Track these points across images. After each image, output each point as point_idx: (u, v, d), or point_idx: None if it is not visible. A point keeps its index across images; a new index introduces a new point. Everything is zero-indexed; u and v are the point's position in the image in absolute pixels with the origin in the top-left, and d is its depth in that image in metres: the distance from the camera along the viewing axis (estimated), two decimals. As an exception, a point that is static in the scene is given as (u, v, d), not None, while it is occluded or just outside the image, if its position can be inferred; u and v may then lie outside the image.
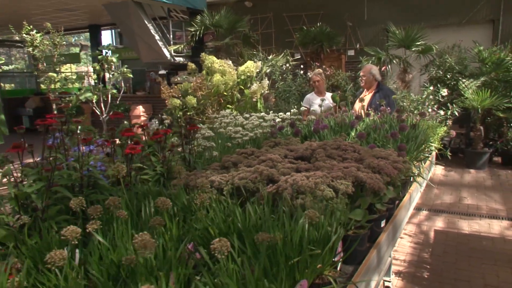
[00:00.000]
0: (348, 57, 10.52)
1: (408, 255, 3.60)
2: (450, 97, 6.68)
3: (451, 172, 6.52)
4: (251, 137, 2.53)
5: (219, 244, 0.90)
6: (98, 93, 4.59)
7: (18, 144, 1.58)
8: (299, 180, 1.49)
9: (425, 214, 4.68)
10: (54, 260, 0.85)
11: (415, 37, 6.93)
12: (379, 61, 7.33)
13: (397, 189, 2.06)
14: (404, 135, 2.56)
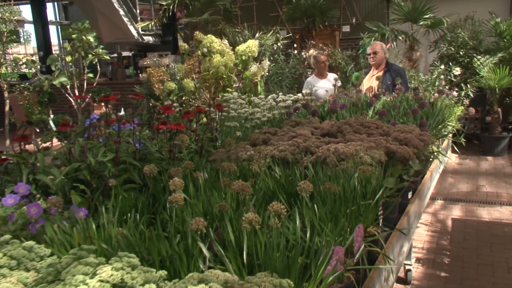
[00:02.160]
0: (342, 33, 11.07)
1: (426, 243, 4.18)
2: (463, 77, 7.36)
3: (466, 160, 7.21)
4: (269, 117, 3.01)
5: (304, 186, 1.38)
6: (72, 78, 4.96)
7: (65, 122, 2.02)
8: (340, 148, 2.00)
9: (440, 203, 5.30)
10: (176, 186, 1.32)
11: (423, 9, 7.55)
12: (382, 38, 7.93)
13: (422, 163, 2.60)
14: (424, 112, 3.11)
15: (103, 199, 1.72)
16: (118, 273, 0.98)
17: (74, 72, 5.00)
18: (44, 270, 1.05)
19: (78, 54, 4.98)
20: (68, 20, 14.41)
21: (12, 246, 1.19)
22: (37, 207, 1.49)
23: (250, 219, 1.16)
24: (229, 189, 1.59)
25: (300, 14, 10.06)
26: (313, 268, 1.16)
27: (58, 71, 4.76)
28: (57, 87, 5.01)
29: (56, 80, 4.70)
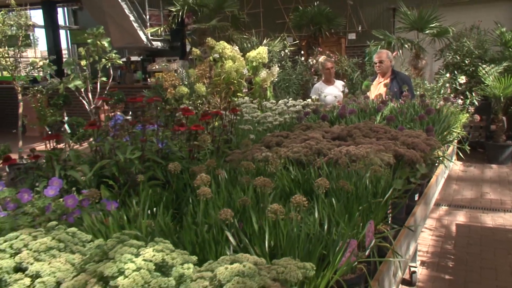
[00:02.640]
0: (348, 41, 11.23)
1: (431, 247, 4.28)
2: (469, 85, 7.48)
3: (471, 167, 7.31)
4: (281, 121, 3.14)
5: (321, 182, 1.50)
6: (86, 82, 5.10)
7: (93, 122, 2.15)
8: (351, 150, 2.12)
9: (445, 209, 5.40)
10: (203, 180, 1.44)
11: (429, 18, 7.69)
12: (389, 46, 8.07)
13: (428, 166, 2.72)
14: (430, 118, 3.23)
15: (129, 194, 1.85)
16: (159, 254, 1.10)
17: (88, 75, 5.14)
18: (92, 251, 1.17)
19: (92, 59, 5.12)
20: (78, 25, 14.66)
21: (58, 231, 1.32)
22: (73, 198, 1.61)
23: (275, 209, 1.29)
24: (249, 185, 1.71)
25: (307, 22, 10.23)
26: (331, 256, 1.28)
27: (73, 75, 4.90)
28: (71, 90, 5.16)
29: (72, 83, 4.84)
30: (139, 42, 9.59)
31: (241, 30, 10.25)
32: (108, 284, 1.04)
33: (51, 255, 1.21)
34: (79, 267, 1.18)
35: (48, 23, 10.99)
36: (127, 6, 9.12)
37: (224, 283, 0.97)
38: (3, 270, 1.12)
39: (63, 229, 1.34)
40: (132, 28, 9.28)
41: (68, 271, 1.19)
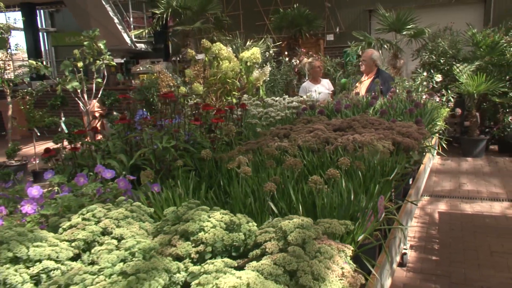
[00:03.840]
0: (327, 42, 11.62)
1: (417, 233, 4.62)
2: (444, 83, 7.91)
3: (448, 161, 7.74)
4: (282, 116, 3.40)
5: (343, 161, 1.77)
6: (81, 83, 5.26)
7: (123, 116, 2.37)
8: (358, 137, 2.40)
9: (427, 199, 5.77)
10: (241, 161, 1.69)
11: (406, 20, 8.11)
12: (369, 46, 8.45)
13: (420, 154, 3.02)
14: (418, 111, 3.55)
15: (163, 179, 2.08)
16: (226, 216, 1.35)
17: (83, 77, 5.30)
18: (168, 216, 1.40)
19: (87, 60, 5.27)
20: (55, 27, 14.59)
21: (127, 203, 1.54)
22: (124, 181, 1.83)
23: (315, 180, 1.54)
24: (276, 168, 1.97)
25: (287, 23, 10.57)
26: (361, 218, 1.55)
27: (70, 76, 5.04)
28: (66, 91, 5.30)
29: (69, 85, 4.99)
30: (124, 44, 9.70)
31: (223, 32, 10.49)
32: (189, 239, 1.28)
33: (127, 222, 1.44)
34: (155, 230, 1.41)
35: (27, 25, 10.96)
36: (111, 8, 9.23)
37: (288, 233, 1.22)
38: (95, 233, 1.35)
39: (130, 203, 1.56)
40: (117, 30, 9.39)
41: (144, 235, 1.42)
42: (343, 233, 1.39)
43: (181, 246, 1.24)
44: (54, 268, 1.18)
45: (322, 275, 1.12)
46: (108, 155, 2.17)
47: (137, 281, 0.98)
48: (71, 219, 1.43)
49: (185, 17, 9.98)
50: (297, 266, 1.13)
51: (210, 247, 1.24)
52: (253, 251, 1.25)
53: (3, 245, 1.15)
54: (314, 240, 1.24)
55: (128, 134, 2.35)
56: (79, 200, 1.69)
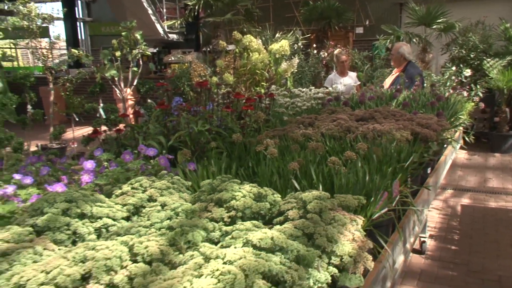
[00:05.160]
0: (356, 35, 11.64)
1: (438, 224, 4.75)
2: (474, 78, 7.90)
3: (475, 156, 7.75)
4: (308, 106, 3.59)
5: (361, 146, 1.96)
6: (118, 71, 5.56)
7: (162, 102, 2.61)
8: (377, 127, 2.57)
9: (450, 192, 5.86)
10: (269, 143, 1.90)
11: (437, 14, 8.11)
12: (398, 40, 8.49)
13: (439, 145, 3.17)
14: (440, 104, 3.68)
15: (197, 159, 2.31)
16: (254, 189, 1.57)
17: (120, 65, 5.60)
18: (204, 187, 1.63)
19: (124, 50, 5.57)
20: (91, 17, 15.08)
21: (168, 176, 1.78)
22: (164, 159, 2.08)
23: (333, 160, 1.74)
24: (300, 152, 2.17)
25: (317, 16, 10.64)
26: (374, 195, 1.74)
27: (109, 64, 5.35)
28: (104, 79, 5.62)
29: (108, 73, 5.30)
30: (157, 35, 10.02)
31: (253, 23, 10.67)
32: (222, 206, 1.50)
33: (169, 192, 1.67)
34: (193, 199, 1.64)
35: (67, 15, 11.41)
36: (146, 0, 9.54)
37: (307, 203, 1.43)
38: (142, 200, 1.59)
39: (171, 177, 1.80)
40: (150, 21, 9.71)
41: (182, 206, 1.65)
42: (357, 207, 1.58)
43: (216, 211, 1.46)
44: (111, 225, 1.42)
45: (335, 238, 1.33)
46: (148, 136, 2.41)
47: (182, 233, 1.21)
48: (122, 188, 1.67)
49: (216, 8, 10.20)
50: (314, 230, 1.33)
51: (241, 213, 1.46)
52: (277, 218, 1.47)
53: (73, 203, 1.40)
54: (330, 210, 1.45)
55: (166, 119, 2.59)
56: (126, 173, 1.94)
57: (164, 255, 1.12)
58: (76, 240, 1.35)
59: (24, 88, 4.48)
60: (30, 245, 1.20)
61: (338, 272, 1.26)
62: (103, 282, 1.00)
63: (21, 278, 0.97)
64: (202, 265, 1.06)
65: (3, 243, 1.19)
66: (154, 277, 1.01)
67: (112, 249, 1.07)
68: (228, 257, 1.06)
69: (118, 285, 0.99)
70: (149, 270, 1.04)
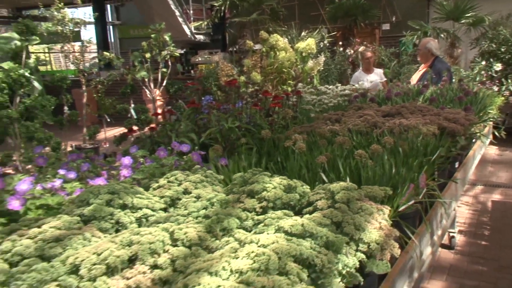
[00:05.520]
0: (382, 31, 11.54)
1: (468, 219, 4.71)
2: (505, 72, 7.75)
3: (506, 151, 7.61)
4: (335, 103, 3.64)
5: (387, 140, 2.01)
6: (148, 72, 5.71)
7: (193, 101, 2.71)
8: (404, 122, 2.61)
9: (480, 188, 5.79)
10: (297, 139, 1.97)
11: (465, 8, 7.99)
12: (425, 35, 8.40)
13: (467, 139, 3.17)
14: (468, 99, 3.66)
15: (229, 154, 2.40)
16: (284, 181, 1.64)
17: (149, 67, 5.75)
18: (237, 180, 1.72)
19: (154, 51, 5.72)
20: (119, 20, 15.45)
21: (202, 170, 1.87)
22: (196, 155, 2.17)
23: (360, 153, 1.80)
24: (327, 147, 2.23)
25: (342, 13, 10.60)
26: (400, 187, 1.79)
27: (139, 66, 5.51)
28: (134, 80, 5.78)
29: (138, 74, 5.45)
30: (184, 36, 10.20)
31: (278, 22, 10.72)
32: (254, 197, 1.58)
33: (203, 185, 1.76)
34: (225, 191, 1.73)
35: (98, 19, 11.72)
36: (173, 2, 9.73)
37: (335, 194, 1.50)
38: (178, 192, 1.68)
39: (204, 171, 1.89)
40: (178, 22, 9.89)
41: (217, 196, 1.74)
42: (383, 198, 1.64)
43: (248, 202, 1.54)
44: (151, 215, 1.52)
45: (362, 226, 1.39)
46: (180, 134, 2.52)
47: (217, 221, 1.30)
48: (159, 182, 1.77)
49: (242, 8, 10.30)
50: (342, 219, 1.40)
51: (272, 204, 1.53)
52: (306, 208, 1.54)
53: (115, 195, 1.50)
54: (357, 200, 1.51)
55: (197, 117, 2.69)
56: (161, 169, 2.04)
57: (201, 240, 1.21)
58: (119, 229, 1.45)
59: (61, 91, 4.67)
60: (79, 232, 1.31)
61: (366, 258, 1.32)
62: (148, 263, 1.09)
63: (76, 259, 1.08)
64: (238, 249, 1.14)
65: (56, 230, 1.30)
66: (193, 259, 1.10)
67: (154, 234, 1.17)
68: (262, 241, 1.14)
69: (161, 266, 1.09)
70: (189, 253, 1.12)
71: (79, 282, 1.02)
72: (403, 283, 1.85)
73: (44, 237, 1.26)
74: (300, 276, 1.06)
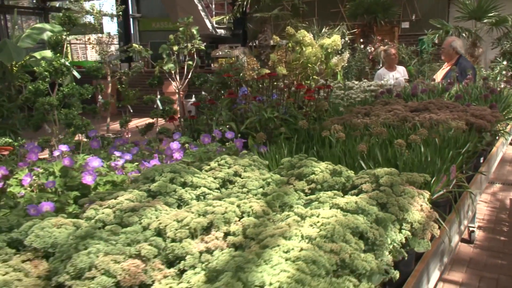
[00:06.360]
0: (401, 29, 11.57)
1: (486, 216, 4.79)
2: (525, 73, 7.77)
3: (525, 152, 7.64)
4: (362, 98, 3.75)
5: (422, 131, 2.12)
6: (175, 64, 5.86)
7: (231, 91, 2.85)
8: (434, 116, 2.71)
9: (499, 186, 5.85)
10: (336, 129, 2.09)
11: (488, 8, 8.00)
12: (446, 34, 8.42)
13: (493, 136, 3.26)
14: (493, 97, 3.75)
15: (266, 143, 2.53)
16: (330, 166, 1.77)
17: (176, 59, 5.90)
18: (285, 164, 1.85)
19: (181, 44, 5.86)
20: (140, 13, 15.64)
21: (248, 155, 2.00)
22: (240, 142, 2.31)
23: (399, 143, 1.92)
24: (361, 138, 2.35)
25: (362, 11, 10.65)
26: (436, 175, 1.91)
27: (167, 58, 5.66)
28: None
29: (166, 66, 5.60)
30: (206, 30, 10.33)
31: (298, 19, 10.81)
32: (302, 180, 1.71)
33: (251, 169, 1.90)
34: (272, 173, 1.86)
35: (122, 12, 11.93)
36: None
37: (380, 178, 1.62)
38: (229, 174, 1.82)
39: (250, 156, 2.02)
40: (200, 16, 10.03)
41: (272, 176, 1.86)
42: (422, 184, 1.76)
43: (298, 184, 1.67)
44: (208, 193, 1.66)
45: (405, 207, 1.51)
46: (220, 123, 2.66)
47: (277, 197, 1.43)
48: (210, 164, 1.91)
49: (263, 4, 10.40)
50: (387, 200, 1.52)
51: (320, 185, 1.66)
52: (351, 191, 1.67)
53: (176, 173, 1.64)
54: (399, 184, 1.63)
55: (235, 107, 2.83)
56: (207, 154, 2.18)
57: (265, 213, 1.34)
58: (181, 205, 1.59)
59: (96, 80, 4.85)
60: (150, 204, 1.45)
61: (411, 235, 1.45)
62: (222, 230, 1.23)
63: (159, 224, 1.22)
64: (299, 222, 1.27)
65: (130, 202, 1.45)
66: (262, 228, 1.23)
67: (225, 206, 1.30)
68: (322, 215, 1.27)
69: (234, 232, 1.22)
70: (258, 223, 1.26)
71: (167, 243, 1.16)
72: (435, 266, 1.97)
73: (121, 207, 1.41)
74: (359, 245, 1.19)
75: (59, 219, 1.24)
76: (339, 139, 2.17)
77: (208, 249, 1.15)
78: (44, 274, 1.09)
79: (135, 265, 1.03)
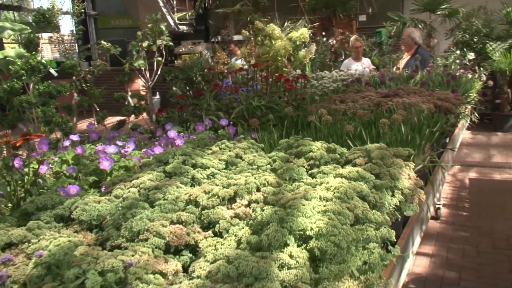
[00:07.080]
0: (359, 22, 12.01)
1: (449, 194, 5.16)
2: (476, 61, 8.29)
3: (478, 135, 8.17)
4: (335, 87, 3.98)
5: (401, 112, 2.35)
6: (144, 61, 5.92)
7: (216, 83, 2.99)
8: (406, 100, 2.96)
9: (458, 168, 6.27)
10: (323, 113, 2.29)
11: (441, 0, 8.46)
12: (403, 26, 8.85)
13: (456, 117, 3.56)
14: (454, 83, 4.07)
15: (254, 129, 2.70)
16: (325, 144, 1.95)
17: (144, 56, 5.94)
18: (282, 145, 2.02)
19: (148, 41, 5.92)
20: (95, 11, 15.38)
21: (246, 140, 2.16)
22: (232, 128, 2.46)
23: (384, 122, 2.13)
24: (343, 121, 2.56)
25: (322, 5, 10.99)
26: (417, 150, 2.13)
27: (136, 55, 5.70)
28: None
29: (136, 63, 5.65)
30: (168, 27, 10.32)
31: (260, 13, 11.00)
32: (301, 157, 1.89)
33: (250, 151, 2.06)
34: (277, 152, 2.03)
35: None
36: (157, -8, 9.87)
37: (371, 152, 1.82)
38: (232, 157, 1.97)
39: (248, 140, 2.19)
40: (162, 13, 10.02)
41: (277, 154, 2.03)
42: (406, 157, 1.98)
43: (298, 161, 1.85)
44: (216, 173, 1.81)
45: (396, 176, 1.72)
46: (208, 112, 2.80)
47: (287, 170, 1.60)
48: (212, 148, 2.06)
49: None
50: (379, 171, 1.73)
51: (318, 161, 1.85)
52: (346, 165, 1.86)
53: (187, 156, 1.78)
54: (388, 157, 1.84)
55: (221, 97, 2.97)
56: (203, 141, 2.33)
57: (279, 184, 1.51)
58: (194, 184, 1.74)
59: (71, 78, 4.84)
60: (169, 183, 1.59)
61: (403, 199, 1.65)
62: (246, 199, 1.39)
63: (190, 196, 1.36)
64: (311, 190, 1.45)
65: (152, 181, 1.58)
66: (280, 195, 1.40)
67: (244, 179, 1.46)
68: (330, 183, 1.45)
69: (257, 200, 1.38)
70: (276, 191, 1.43)
71: (200, 211, 1.31)
72: (417, 231, 2.21)
73: (145, 186, 1.54)
74: (364, 205, 1.38)
75: (95, 196, 1.36)
76: (325, 122, 2.36)
77: (236, 215, 1.31)
78: (93, 242, 1.22)
79: (180, 228, 1.18)
